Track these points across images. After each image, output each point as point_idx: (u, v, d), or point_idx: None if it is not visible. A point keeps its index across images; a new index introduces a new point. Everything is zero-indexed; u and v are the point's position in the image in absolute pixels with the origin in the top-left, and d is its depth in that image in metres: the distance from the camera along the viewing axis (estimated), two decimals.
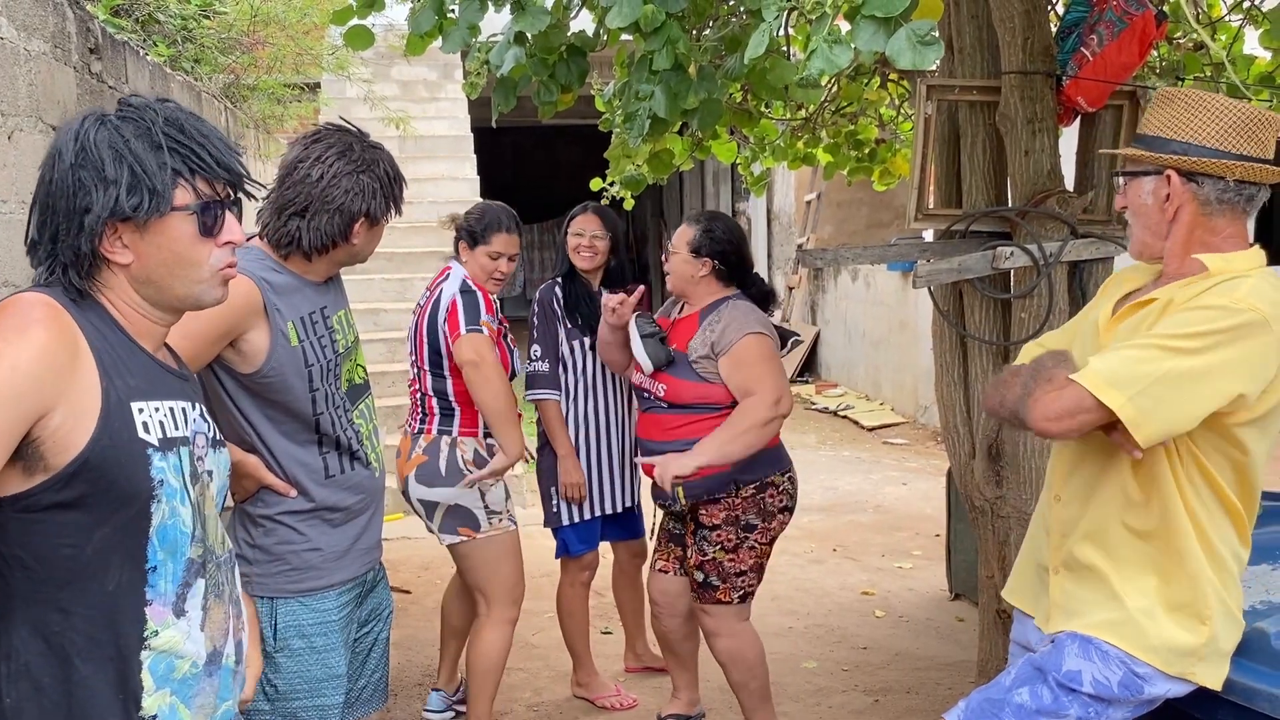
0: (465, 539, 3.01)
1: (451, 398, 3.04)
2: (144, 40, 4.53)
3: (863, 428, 8.63)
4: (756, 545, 2.99)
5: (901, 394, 8.94)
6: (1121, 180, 1.85)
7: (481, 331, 2.95)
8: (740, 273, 3.07)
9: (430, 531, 3.08)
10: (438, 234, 8.21)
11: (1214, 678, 1.70)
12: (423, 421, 3.08)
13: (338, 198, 2.07)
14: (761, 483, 2.96)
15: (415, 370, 3.11)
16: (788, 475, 3.05)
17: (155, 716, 1.35)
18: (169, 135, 1.35)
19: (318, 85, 8.33)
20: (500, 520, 3.04)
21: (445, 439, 3.03)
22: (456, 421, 3.05)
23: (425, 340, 3.05)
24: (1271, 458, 1.80)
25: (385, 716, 3.47)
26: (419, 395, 3.10)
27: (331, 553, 2.15)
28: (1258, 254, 1.77)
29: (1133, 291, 1.88)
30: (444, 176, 8.89)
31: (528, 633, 4.28)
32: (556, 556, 3.60)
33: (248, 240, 2.10)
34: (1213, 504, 1.73)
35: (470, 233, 3.19)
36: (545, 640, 4.19)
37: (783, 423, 2.92)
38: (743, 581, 3.03)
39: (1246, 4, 3.87)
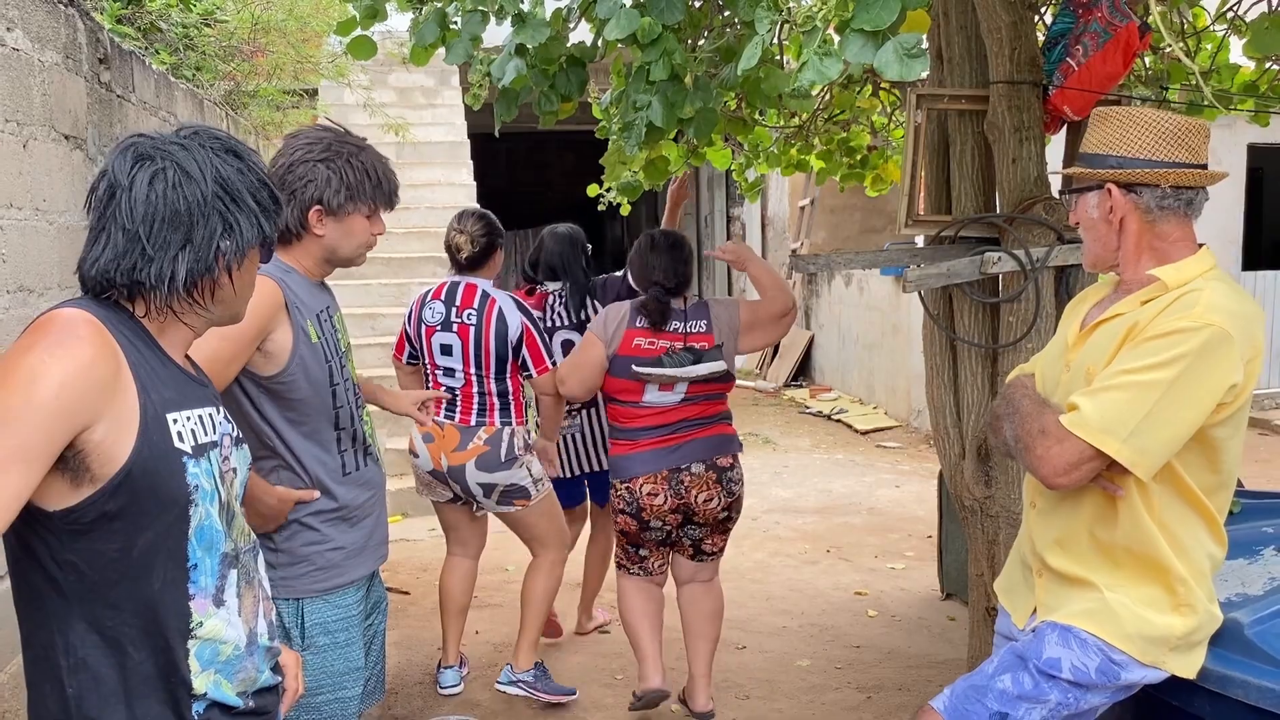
0: (520, 508, 3.51)
1: (511, 395, 3.51)
2: (146, 48, 4.59)
3: (856, 431, 8.70)
4: (616, 528, 3.43)
5: (894, 398, 9.01)
6: (1071, 197, 1.93)
7: (556, 364, 3.49)
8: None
9: (473, 505, 3.60)
10: (435, 239, 8.28)
11: (1187, 667, 1.77)
12: (481, 415, 3.47)
13: (291, 183, 2.12)
14: (609, 482, 3.40)
15: (474, 375, 3.46)
16: (625, 485, 3.28)
17: (205, 693, 1.44)
18: (264, 171, 1.48)
19: (315, 92, 8.39)
20: (543, 484, 3.53)
21: (507, 429, 3.47)
22: (513, 413, 3.51)
23: (494, 355, 3.45)
24: (1261, 462, 1.86)
25: (386, 714, 3.53)
26: (477, 395, 3.47)
27: (352, 550, 2.22)
28: (1206, 255, 1.85)
29: (1096, 304, 1.95)
30: (440, 183, 8.96)
31: None
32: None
33: None
34: (1183, 510, 1.80)
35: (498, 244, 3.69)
36: (543, 640, 4.24)
37: (561, 403, 3.55)
38: (617, 550, 3.51)
39: (1230, 14, 3.95)
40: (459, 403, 3.49)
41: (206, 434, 1.46)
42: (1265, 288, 8.91)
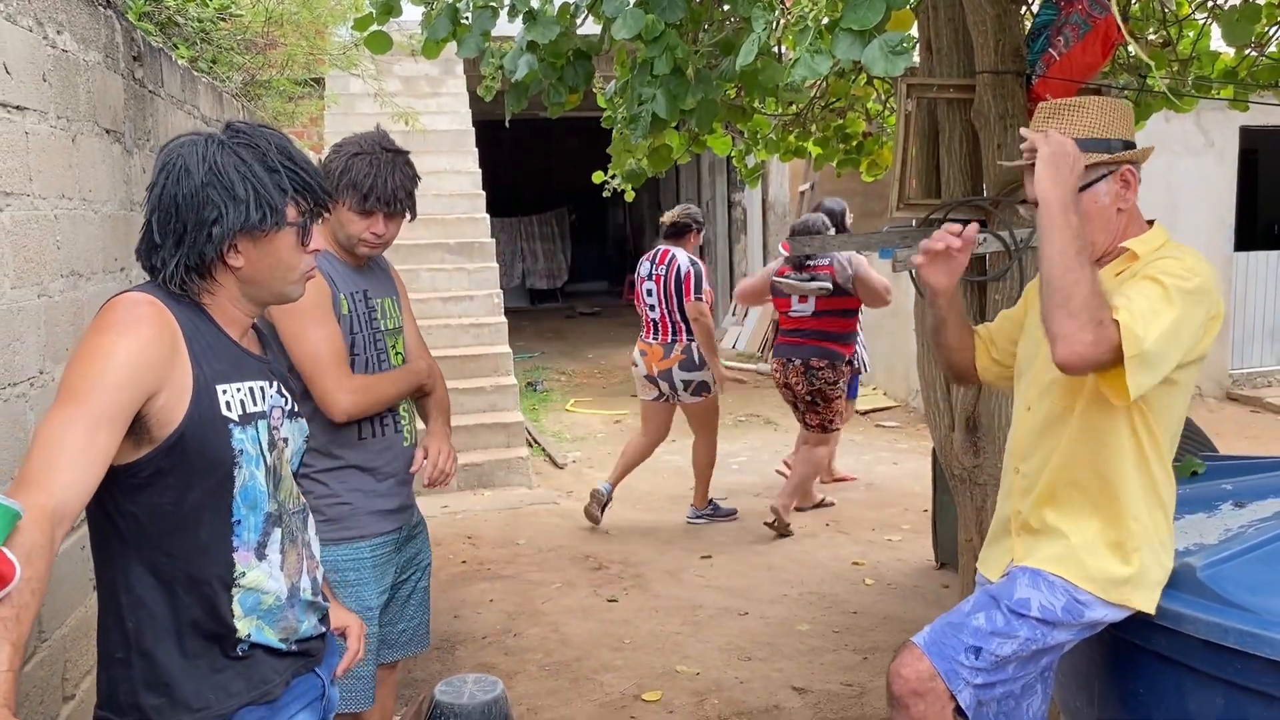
0: (703, 399, 5.48)
1: (687, 322, 5.43)
2: (164, 42, 4.74)
3: (856, 412, 8.86)
4: None
5: (893, 378, 9.18)
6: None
7: (702, 299, 5.37)
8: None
9: (673, 398, 5.53)
10: (443, 226, 8.45)
11: (1147, 603, 1.95)
12: (674, 335, 5.45)
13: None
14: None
15: (665, 309, 5.45)
16: (773, 362, 5.56)
17: (249, 635, 1.60)
18: (280, 160, 1.59)
19: (320, 80, 8.52)
20: (714, 388, 5.49)
21: (693, 344, 5.42)
22: (689, 334, 5.41)
23: (675, 294, 5.41)
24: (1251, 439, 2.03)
25: (405, 675, 3.72)
26: (670, 322, 5.45)
27: (360, 508, 2.43)
28: (1162, 229, 2.02)
29: None
30: (447, 170, 9.10)
31: (538, 600, 4.53)
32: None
33: None
34: (1156, 453, 1.97)
35: (698, 223, 5.66)
36: (553, 609, 4.44)
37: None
38: None
39: (1210, 3, 4.10)
40: (659, 328, 5.49)
41: (255, 404, 1.63)
42: (1257, 268, 9.06)
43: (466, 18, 3.17)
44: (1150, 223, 2.04)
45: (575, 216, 19.42)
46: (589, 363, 12.03)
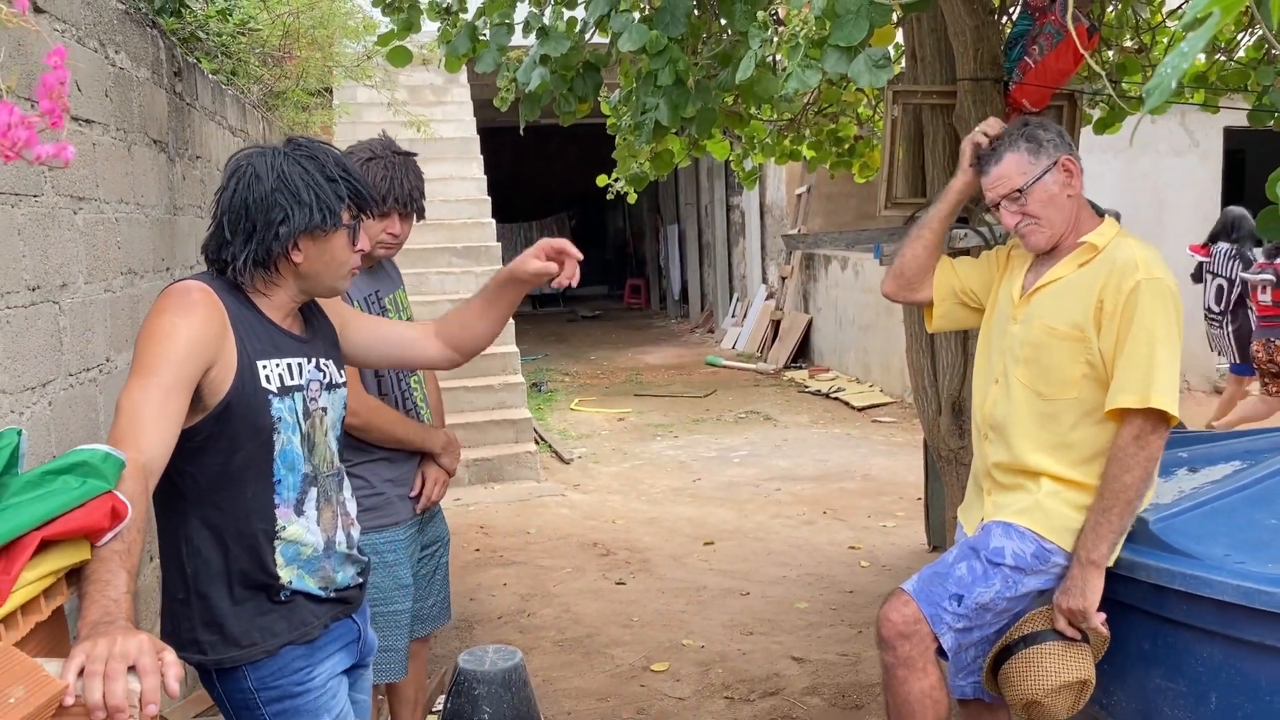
0: None
1: None
2: (187, 55, 4.98)
3: (853, 408, 9.09)
4: None
5: (889, 376, 9.41)
6: (1015, 199, 2.25)
7: None
8: None
9: None
10: (449, 230, 8.69)
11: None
12: None
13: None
14: None
15: None
16: None
17: (290, 582, 1.83)
18: (337, 171, 1.83)
19: (329, 90, 8.76)
20: None
21: None
22: None
23: None
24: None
25: (428, 651, 3.93)
26: None
27: (393, 495, 2.62)
28: (1111, 221, 2.26)
29: (1029, 270, 2.35)
30: (453, 177, 9.34)
31: (550, 584, 4.76)
32: None
33: None
34: (1101, 434, 2.20)
35: None
36: (564, 590, 4.67)
37: None
38: None
39: (1182, 12, 4.33)
40: None
41: (293, 378, 1.85)
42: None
43: (484, 35, 3.41)
44: (1101, 216, 2.28)
45: (575, 222, 19.68)
46: (592, 364, 12.28)
